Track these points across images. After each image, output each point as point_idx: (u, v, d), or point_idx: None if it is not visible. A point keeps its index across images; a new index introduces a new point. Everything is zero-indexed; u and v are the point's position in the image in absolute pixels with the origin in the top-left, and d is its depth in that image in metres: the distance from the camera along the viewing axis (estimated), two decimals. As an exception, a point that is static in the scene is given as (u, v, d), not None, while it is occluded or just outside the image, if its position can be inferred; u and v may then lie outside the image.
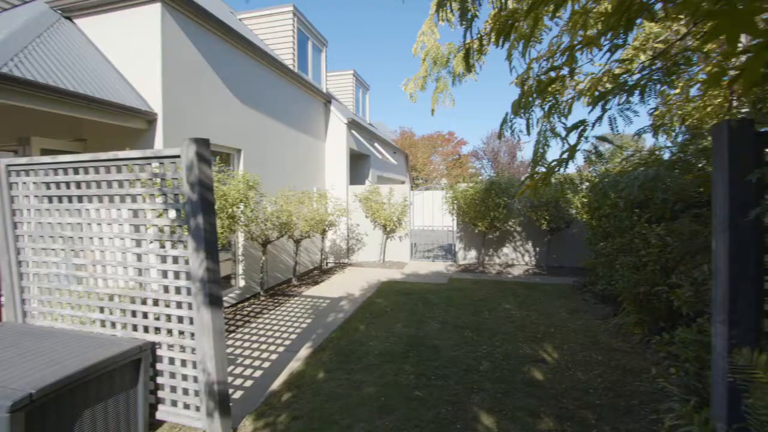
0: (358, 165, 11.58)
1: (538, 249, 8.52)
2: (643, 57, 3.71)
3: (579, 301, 5.64)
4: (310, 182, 8.70)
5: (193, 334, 2.52)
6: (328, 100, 9.95)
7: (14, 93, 3.55)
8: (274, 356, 3.75)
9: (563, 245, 8.19)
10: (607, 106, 2.37)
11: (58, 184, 2.87)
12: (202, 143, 2.39)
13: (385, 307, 5.31)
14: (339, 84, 13.33)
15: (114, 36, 5.25)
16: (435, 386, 3.11)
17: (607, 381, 3.17)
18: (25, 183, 2.97)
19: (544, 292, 6.13)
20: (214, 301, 2.43)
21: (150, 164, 2.57)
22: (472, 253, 8.91)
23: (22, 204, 3.04)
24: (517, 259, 8.66)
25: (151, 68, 4.93)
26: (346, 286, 6.75)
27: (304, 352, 3.83)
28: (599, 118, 2.40)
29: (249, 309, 5.37)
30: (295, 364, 3.54)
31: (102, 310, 2.82)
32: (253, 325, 4.69)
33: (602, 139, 2.70)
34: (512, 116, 3.34)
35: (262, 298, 5.92)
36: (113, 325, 2.79)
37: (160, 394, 2.64)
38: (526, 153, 31.12)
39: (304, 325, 4.63)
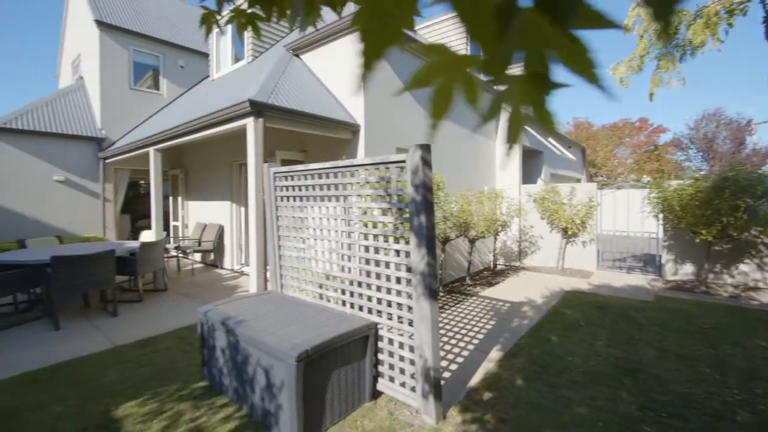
0: (530, 162, 10.80)
1: (803, 269, 6.15)
2: None
3: None
4: (481, 181, 8.60)
5: (410, 321, 2.80)
6: (499, 96, 9.61)
7: (278, 119, 4.69)
8: (465, 353, 3.83)
9: None
10: None
11: (306, 187, 3.64)
12: (426, 148, 2.61)
13: (578, 320, 4.76)
14: (509, 78, 12.73)
15: (325, 63, 6.34)
16: (670, 426, 2.58)
17: None
18: (285, 186, 3.87)
19: (826, 332, 4.36)
20: (432, 293, 2.62)
21: (378, 169, 2.97)
22: (688, 268, 7.11)
23: (281, 202, 3.98)
24: (765, 280, 6.46)
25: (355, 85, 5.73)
26: (523, 290, 6.38)
27: (495, 354, 3.78)
28: None
29: (430, 303, 5.67)
30: (488, 365, 3.53)
31: (336, 289, 3.43)
32: (438, 319, 4.91)
33: None
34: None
35: (441, 295, 6.17)
36: (343, 303, 3.36)
37: (379, 368, 3.03)
38: (762, 137, 23.02)
39: (488, 327, 4.59)
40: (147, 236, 7.52)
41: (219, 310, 3.20)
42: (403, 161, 2.72)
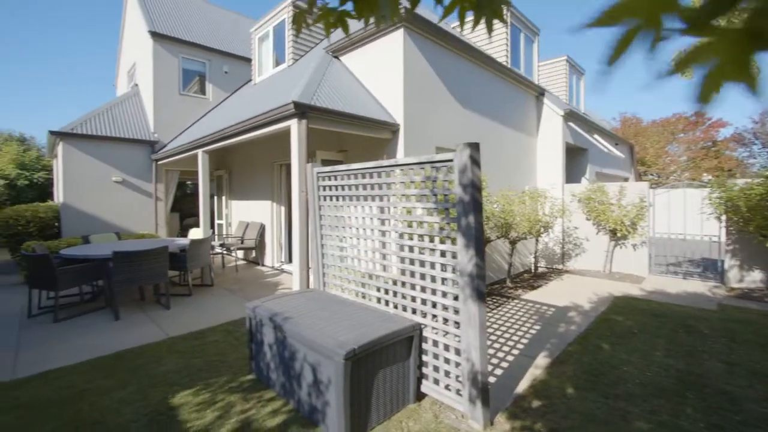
0: (573, 160, 10.34)
1: None
2: None
3: None
4: (522, 181, 8.32)
5: (456, 323, 2.74)
6: (540, 92, 9.28)
7: (320, 119, 4.78)
8: (510, 358, 3.71)
9: None
10: None
11: (350, 186, 3.66)
12: (474, 147, 2.54)
13: (630, 328, 4.48)
14: (550, 72, 12.25)
15: (364, 64, 6.37)
16: (745, 448, 2.36)
17: None
18: (328, 186, 3.92)
19: None
20: (480, 295, 2.55)
21: (423, 168, 2.93)
22: (756, 275, 6.50)
23: (323, 202, 4.04)
24: None
25: (395, 86, 5.71)
26: (568, 294, 6.10)
27: (542, 360, 3.63)
28: None
29: (469, 305, 5.55)
30: (535, 371, 3.40)
31: (378, 289, 3.43)
32: (478, 321, 4.81)
33: None
34: None
35: (480, 296, 6.03)
36: (386, 303, 3.36)
37: (423, 370, 3.00)
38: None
39: (533, 331, 4.42)
40: (195, 234, 7.92)
41: (266, 306, 3.29)
42: (450, 160, 2.67)
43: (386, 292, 3.36)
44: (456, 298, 2.75)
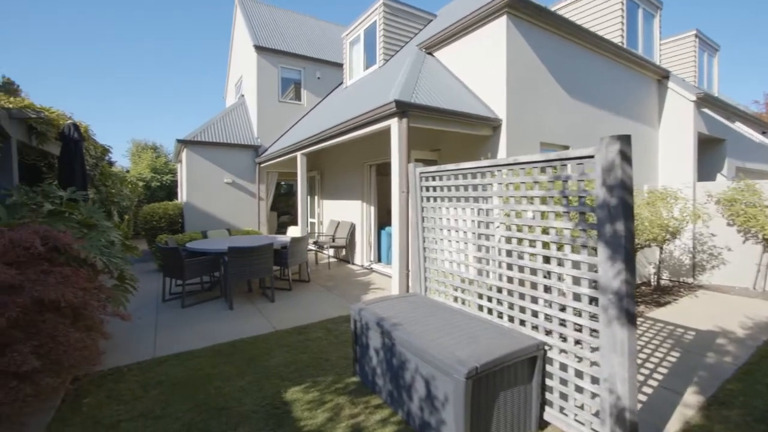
0: (705, 154, 8.68)
1: None
2: None
3: None
4: (640, 179, 7.21)
5: (594, 347, 2.34)
6: (664, 75, 7.96)
7: (420, 117, 4.64)
8: (647, 389, 3.13)
9: None
10: None
11: (457, 187, 3.44)
12: (625, 140, 2.12)
13: (815, 367, 3.49)
14: (674, 51, 10.49)
15: (461, 57, 6.06)
16: None
17: None
18: (432, 186, 3.74)
19: None
20: (630, 318, 2.13)
21: (552, 166, 2.57)
22: None
23: (426, 203, 3.87)
24: None
25: (496, 78, 5.31)
26: (709, 316, 5.06)
27: (692, 398, 2.99)
28: None
29: (581, 319, 4.92)
30: (687, 412, 2.80)
31: (491, 299, 3.15)
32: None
33: None
34: None
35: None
36: (500, 315, 3.06)
37: (547, 395, 2.64)
38: None
39: (671, 359, 3.70)
40: (294, 232, 8.42)
41: (371, 310, 3.24)
42: (591, 156, 2.28)
43: (500, 303, 3.06)
44: (593, 317, 2.35)
